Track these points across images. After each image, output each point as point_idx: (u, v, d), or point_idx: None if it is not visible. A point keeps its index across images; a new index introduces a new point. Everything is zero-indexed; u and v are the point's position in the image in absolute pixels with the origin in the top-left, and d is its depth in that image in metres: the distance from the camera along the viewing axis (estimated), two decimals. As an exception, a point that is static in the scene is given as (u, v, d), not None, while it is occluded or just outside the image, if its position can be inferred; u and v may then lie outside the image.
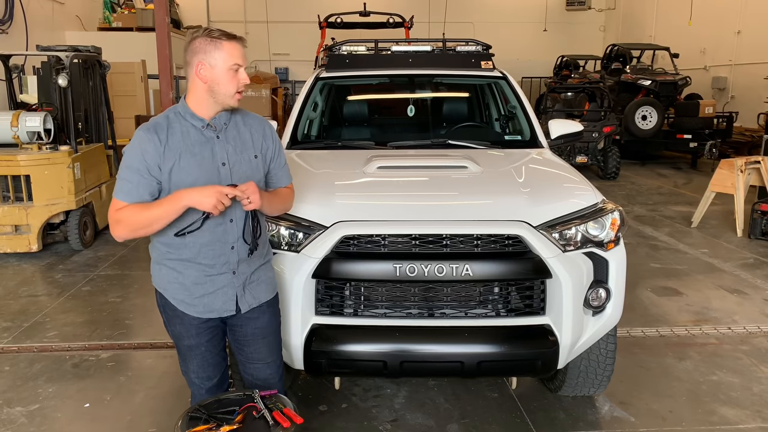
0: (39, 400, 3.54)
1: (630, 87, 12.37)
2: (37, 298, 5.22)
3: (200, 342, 2.35)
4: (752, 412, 3.41)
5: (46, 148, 6.33)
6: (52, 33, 11.56)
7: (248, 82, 2.19)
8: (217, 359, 2.44)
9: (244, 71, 2.18)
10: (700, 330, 4.51)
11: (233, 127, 2.27)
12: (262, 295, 2.39)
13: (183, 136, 2.18)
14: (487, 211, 2.88)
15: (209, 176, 2.17)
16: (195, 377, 2.43)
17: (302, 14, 16.56)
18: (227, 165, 2.21)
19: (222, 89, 2.15)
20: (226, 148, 2.22)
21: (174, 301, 2.31)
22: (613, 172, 10.76)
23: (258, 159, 2.30)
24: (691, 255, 6.40)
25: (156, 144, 2.13)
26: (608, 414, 3.39)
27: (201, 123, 2.20)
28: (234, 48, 2.14)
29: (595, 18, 18.93)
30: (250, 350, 2.42)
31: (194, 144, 2.18)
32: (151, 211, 2.09)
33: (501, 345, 2.72)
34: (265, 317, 2.42)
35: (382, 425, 3.27)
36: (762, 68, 12.26)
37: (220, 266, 2.25)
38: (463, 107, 4.95)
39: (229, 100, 2.17)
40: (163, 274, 2.31)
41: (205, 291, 2.27)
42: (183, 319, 2.32)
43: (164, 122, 2.19)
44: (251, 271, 2.34)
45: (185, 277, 2.26)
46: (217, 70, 2.13)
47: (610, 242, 2.90)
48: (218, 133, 2.22)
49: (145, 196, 2.14)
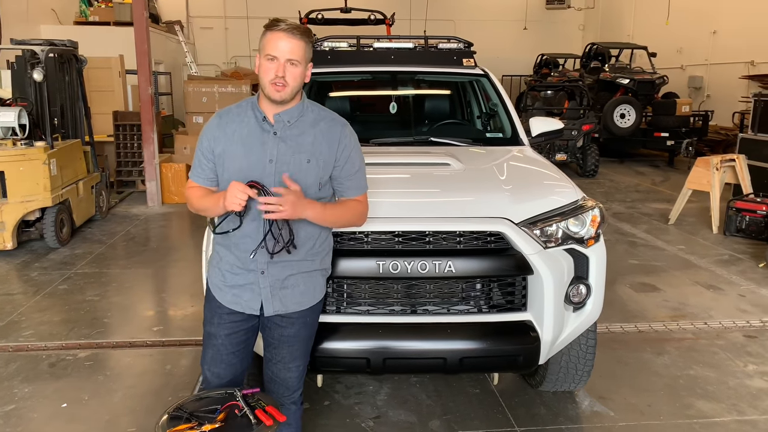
0: (15, 400, 3.47)
1: (608, 85, 12.51)
2: (12, 296, 5.12)
3: (219, 332, 2.33)
4: (728, 405, 3.48)
5: (21, 143, 6.21)
6: (27, 26, 11.32)
7: (281, 73, 2.10)
8: (231, 358, 2.36)
9: (283, 63, 2.10)
10: (677, 325, 4.58)
11: (297, 127, 2.21)
12: (291, 304, 2.29)
13: (241, 125, 2.21)
14: (469, 208, 2.89)
15: (255, 169, 2.16)
16: (207, 370, 2.39)
17: (283, 10, 16.33)
18: (274, 162, 2.17)
19: (260, 78, 2.16)
20: (279, 146, 2.18)
21: (210, 284, 2.36)
22: (592, 169, 10.88)
23: (311, 164, 2.20)
24: (669, 251, 6.49)
25: (214, 128, 2.24)
26: (588, 409, 3.43)
27: (261, 116, 2.20)
28: (273, 38, 2.11)
29: (574, 17, 19.11)
30: (275, 352, 2.38)
31: (248, 135, 2.20)
32: (203, 201, 2.25)
33: (483, 341, 2.74)
34: (294, 328, 2.33)
35: (364, 422, 3.27)
36: (737, 68, 12.48)
37: (249, 262, 2.23)
38: (445, 105, 4.96)
39: (267, 90, 2.14)
40: (212, 257, 2.40)
41: (235, 282, 2.27)
42: (212, 303, 2.35)
43: (235, 109, 2.28)
44: (284, 276, 2.25)
45: (223, 263, 2.30)
46: (260, 60, 2.16)
47: (590, 239, 2.93)
48: (276, 129, 2.19)
49: (208, 176, 2.27)
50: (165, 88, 13.09)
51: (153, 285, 5.64)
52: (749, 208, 6.87)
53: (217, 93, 9.41)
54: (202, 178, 2.29)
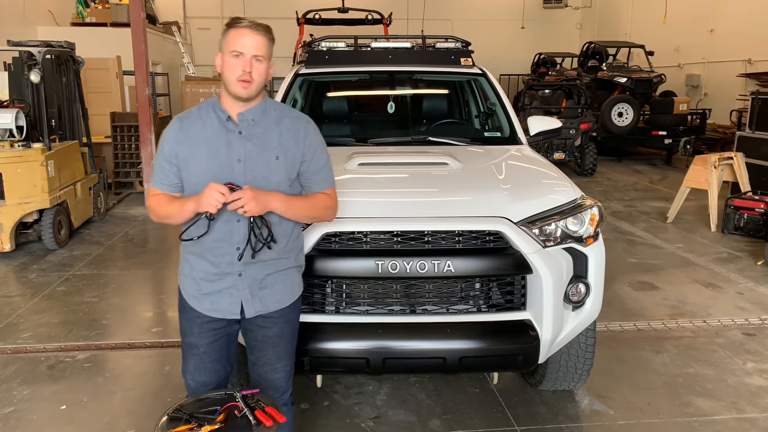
0: (14, 402, 3.46)
1: (606, 84, 12.52)
2: (10, 298, 5.10)
3: (200, 342, 2.30)
4: (727, 403, 3.48)
5: (19, 145, 6.19)
6: (24, 28, 11.31)
7: (248, 69, 2.09)
8: (215, 365, 2.35)
9: (249, 59, 2.09)
10: (676, 323, 4.58)
11: (262, 125, 2.20)
12: (272, 303, 2.28)
13: (204, 127, 2.18)
14: (468, 208, 2.89)
15: (222, 170, 2.13)
16: (191, 379, 2.36)
17: (280, 10, 16.40)
18: (242, 162, 2.16)
19: (225, 76, 2.13)
20: (246, 146, 2.16)
21: (185, 294, 2.31)
22: (590, 168, 10.89)
23: (279, 161, 2.19)
24: (667, 250, 6.50)
25: (176, 131, 2.20)
26: (588, 407, 3.43)
27: (225, 116, 2.18)
28: (237, 34, 2.10)
29: (571, 16, 19.13)
30: (260, 354, 2.37)
31: (212, 136, 2.17)
32: (168, 207, 2.18)
33: (482, 340, 2.74)
34: (277, 327, 2.33)
35: (364, 422, 3.26)
36: (734, 66, 12.50)
37: (225, 266, 2.20)
38: (443, 104, 4.96)
39: (232, 87, 2.11)
40: (182, 267, 2.33)
41: (212, 289, 2.23)
42: (189, 314, 2.30)
43: (195, 112, 2.24)
44: (262, 276, 2.24)
45: (196, 272, 2.25)
46: (223, 58, 2.14)
47: (589, 237, 2.93)
48: (241, 129, 2.17)
49: (172, 182, 2.21)
50: (162, 89, 13.07)
51: (151, 286, 5.63)
52: (747, 206, 6.87)
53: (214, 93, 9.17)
54: (166, 185, 2.21)
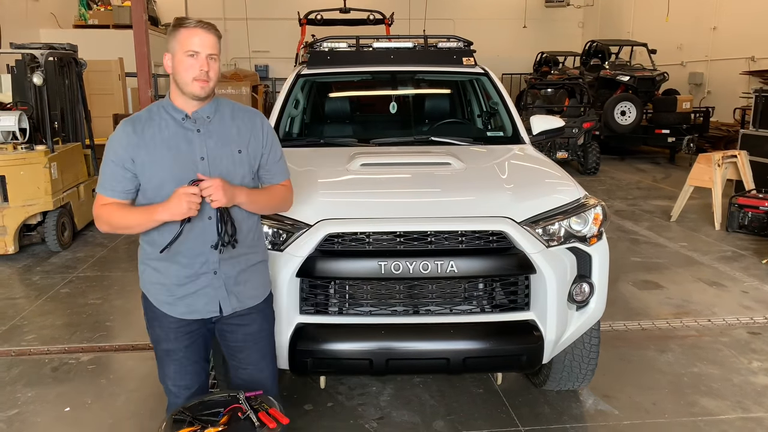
0: (18, 404, 3.47)
1: (609, 83, 12.49)
2: (14, 300, 5.11)
3: (178, 347, 2.29)
4: (733, 402, 3.46)
5: (22, 147, 6.20)
6: (27, 30, 11.34)
7: (205, 68, 2.08)
8: (195, 367, 2.36)
9: (204, 58, 2.08)
10: (681, 323, 4.56)
11: (218, 121, 2.21)
12: (248, 299, 2.31)
13: (160, 128, 2.15)
14: (471, 208, 2.88)
15: (185, 170, 2.11)
16: (172, 385, 2.35)
17: (282, 11, 16.45)
18: (206, 159, 2.15)
19: (179, 77, 2.11)
20: (207, 143, 2.17)
21: (156, 302, 2.26)
22: (593, 167, 10.87)
23: (242, 154, 2.22)
24: (671, 248, 6.48)
25: (130, 135, 2.13)
26: (592, 407, 3.42)
27: (181, 115, 2.16)
28: (189, 34, 2.08)
29: (573, 14, 19.10)
30: (243, 356, 2.37)
31: (171, 137, 2.14)
32: (128, 217, 2.13)
33: (486, 341, 2.73)
34: (256, 324, 2.35)
35: (368, 423, 3.26)
36: (737, 64, 12.46)
37: (200, 266, 2.19)
38: (445, 104, 4.96)
39: (189, 88, 2.10)
40: (146, 275, 2.28)
41: (187, 291, 2.21)
42: (162, 321, 2.27)
43: (145, 115, 2.19)
44: (236, 273, 2.26)
45: (166, 277, 2.21)
46: (175, 58, 2.11)
47: (592, 237, 2.92)
48: (199, 127, 2.17)
49: (126, 188, 2.14)
50: (164, 90, 13.09)
51: (155, 288, 5.63)
52: (752, 204, 6.85)
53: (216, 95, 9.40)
54: (119, 191, 2.14)
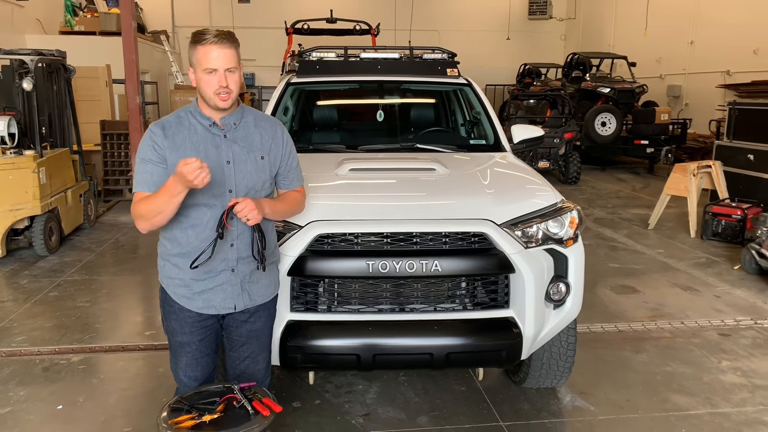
0: (10, 403, 3.53)
1: (590, 94, 12.76)
2: (2, 303, 5.14)
3: (192, 340, 2.40)
4: (702, 399, 3.63)
5: (11, 152, 6.24)
6: (12, 36, 11.31)
7: (224, 83, 2.17)
8: (206, 360, 2.47)
9: (223, 73, 2.16)
10: (656, 325, 4.74)
11: (243, 128, 2.32)
12: (258, 297, 2.43)
13: (190, 133, 2.26)
14: (454, 211, 3.02)
15: (214, 173, 2.17)
16: (183, 375, 2.47)
17: (269, 20, 16.55)
18: (231, 163, 2.27)
19: (202, 92, 2.22)
20: (233, 148, 2.28)
21: (174, 296, 2.38)
22: (574, 176, 11.09)
23: (264, 160, 2.33)
24: (648, 255, 6.68)
25: (161, 138, 2.24)
26: (570, 404, 3.56)
27: (208, 122, 2.27)
28: (206, 51, 2.15)
29: (556, 27, 19.43)
30: (243, 349, 2.49)
31: (200, 141, 2.26)
32: (154, 201, 2.14)
33: (468, 337, 2.86)
34: (261, 321, 2.48)
35: (354, 419, 3.36)
36: (713, 77, 12.80)
37: (219, 263, 2.30)
38: (430, 113, 5.10)
39: (213, 101, 2.21)
40: (166, 270, 2.39)
41: (204, 287, 2.33)
42: (179, 314, 2.38)
43: (174, 119, 2.29)
44: (250, 271, 2.37)
45: (185, 273, 2.31)
46: (196, 74, 2.21)
47: (569, 239, 3.07)
48: (226, 132, 2.29)
49: (161, 181, 2.18)
50: (151, 97, 13.12)
51: (143, 291, 5.70)
52: (725, 213, 7.07)
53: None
54: (151, 184, 2.20)
